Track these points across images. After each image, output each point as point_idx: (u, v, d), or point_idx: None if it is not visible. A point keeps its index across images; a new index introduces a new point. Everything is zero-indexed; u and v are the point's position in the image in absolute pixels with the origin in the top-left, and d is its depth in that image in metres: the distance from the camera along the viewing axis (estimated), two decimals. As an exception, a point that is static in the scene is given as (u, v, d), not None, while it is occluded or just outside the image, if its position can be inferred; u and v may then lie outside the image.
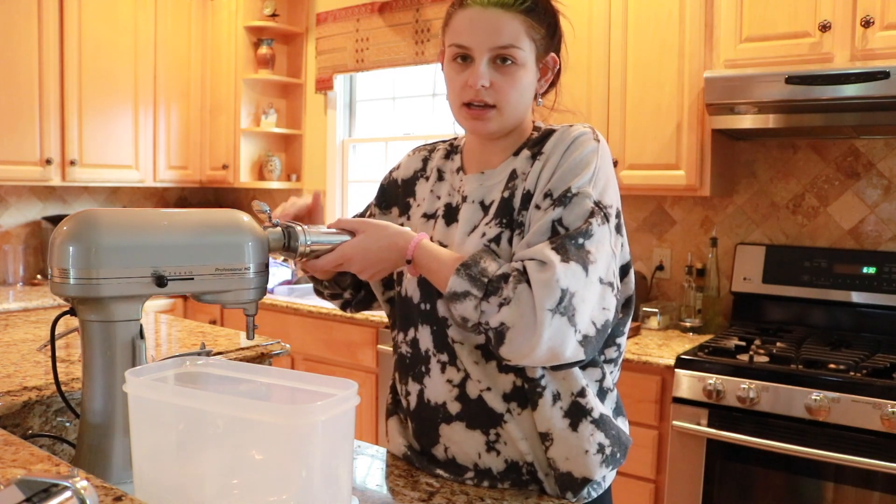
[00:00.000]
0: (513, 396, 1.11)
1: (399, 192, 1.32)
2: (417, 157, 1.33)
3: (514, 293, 0.99)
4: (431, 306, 1.17)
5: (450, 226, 1.20)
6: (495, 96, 1.11)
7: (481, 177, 1.19)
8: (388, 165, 3.92)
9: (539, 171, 1.11)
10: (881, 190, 2.48)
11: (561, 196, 1.07)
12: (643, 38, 2.56)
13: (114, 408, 1.06)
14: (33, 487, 0.67)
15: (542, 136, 1.17)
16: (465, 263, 1.05)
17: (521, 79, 1.12)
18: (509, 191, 1.15)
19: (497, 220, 1.13)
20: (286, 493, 0.86)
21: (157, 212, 1.16)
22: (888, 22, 2.11)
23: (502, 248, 1.11)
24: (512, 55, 1.10)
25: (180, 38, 4.00)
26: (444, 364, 1.16)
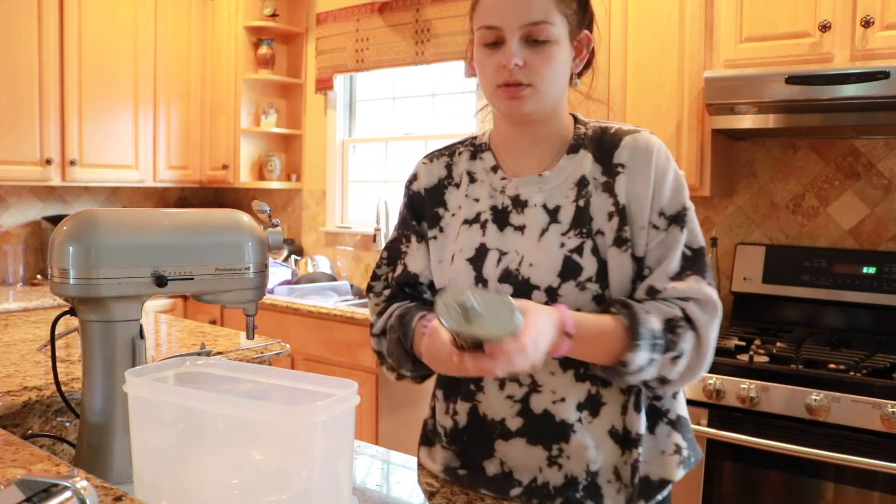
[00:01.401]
0: (586, 405, 1.08)
1: (424, 204, 1.22)
2: (439, 164, 1.23)
3: (687, 344, 1.02)
4: None
5: (504, 230, 1.12)
6: (530, 75, 1.06)
7: (539, 180, 1.12)
8: (388, 165, 3.92)
9: (633, 188, 1.07)
10: (881, 190, 2.48)
11: (677, 216, 1.07)
12: (643, 38, 2.55)
13: (114, 408, 1.06)
14: (33, 487, 0.67)
15: (598, 136, 1.13)
16: (636, 332, 0.99)
17: (556, 56, 1.07)
18: (583, 199, 1.09)
19: (576, 231, 1.08)
20: (286, 493, 0.86)
21: (157, 212, 1.16)
22: (888, 22, 2.11)
23: (585, 258, 1.06)
24: (544, 31, 1.05)
25: (180, 38, 4.00)
26: (501, 381, 1.10)
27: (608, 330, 0.99)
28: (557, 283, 1.06)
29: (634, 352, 0.98)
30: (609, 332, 0.99)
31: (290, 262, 3.90)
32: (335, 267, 3.97)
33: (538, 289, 1.07)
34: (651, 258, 1.07)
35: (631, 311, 1.00)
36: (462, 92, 3.57)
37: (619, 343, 0.99)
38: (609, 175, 1.09)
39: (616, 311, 1.01)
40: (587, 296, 1.05)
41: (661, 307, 1.03)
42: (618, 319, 1.00)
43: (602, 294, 1.05)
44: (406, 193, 1.25)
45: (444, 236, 1.19)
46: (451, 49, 3.43)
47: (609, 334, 0.99)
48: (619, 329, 0.99)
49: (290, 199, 4.27)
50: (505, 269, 1.10)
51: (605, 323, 1.00)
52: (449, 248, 1.17)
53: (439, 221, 1.20)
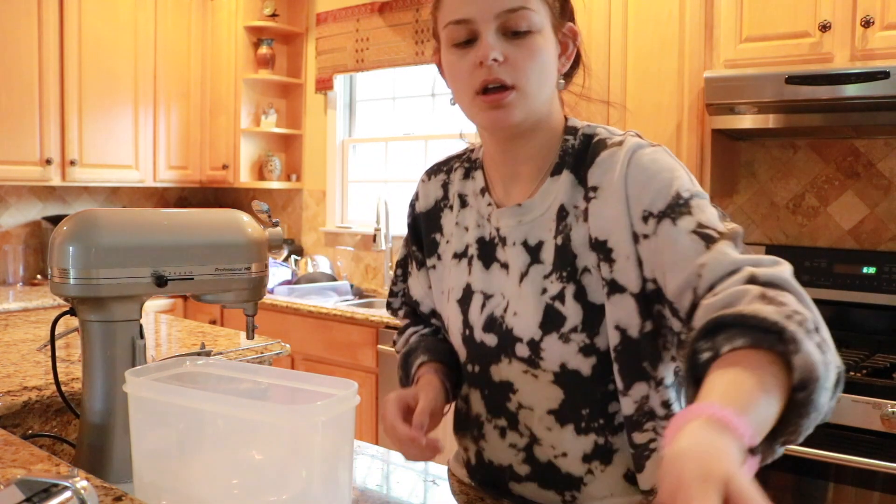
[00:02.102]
0: (594, 456, 0.95)
1: (422, 228, 1.11)
2: (436, 183, 1.10)
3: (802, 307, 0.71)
4: (481, 370, 1.01)
5: (490, 268, 1.00)
6: (513, 73, 0.89)
7: (518, 211, 0.97)
8: (388, 165, 3.92)
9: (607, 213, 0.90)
10: (881, 190, 2.48)
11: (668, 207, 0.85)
12: (643, 38, 2.55)
13: (114, 408, 1.06)
14: (33, 487, 0.67)
15: (581, 149, 0.96)
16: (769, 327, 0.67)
17: (542, 48, 0.91)
18: (562, 235, 0.94)
19: (558, 274, 0.93)
20: (286, 493, 0.86)
21: (157, 212, 1.16)
22: (888, 22, 2.11)
23: (567, 306, 0.91)
24: (525, 19, 0.89)
25: (180, 38, 4.00)
26: (502, 429, 1.01)
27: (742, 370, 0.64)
28: (539, 335, 0.93)
29: (798, 349, 0.65)
30: (746, 369, 0.64)
31: (290, 262, 3.90)
32: (335, 267, 3.97)
33: (521, 341, 0.95)
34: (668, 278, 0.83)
35: (738, 321, 0.69)
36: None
37: (768, 365, 0.65)
38: (587, 200, 0.93)
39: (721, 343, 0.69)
40: (572, 348, 0.91)
41: (728, 298, 0.73)
42: (735, 349, 0.67)
43: (591, 343, 0.91)
44: (409, 213, 1.14)
45: (441, 265, 1.07)
46: (451, 49, 3.43)
47: (749, 370, 0.64)
48: (747, 354, 0.66)
49: (290, 199, 4.27)
50: (489, 317, 0.99)
51: (731, 370, 0.65)
52: (446, 280, 1.07)
53: (437, 248, 1.08)
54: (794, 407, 0.65)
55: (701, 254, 0.81)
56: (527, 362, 0.95)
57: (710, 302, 0.76)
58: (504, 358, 0.97)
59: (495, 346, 0.98)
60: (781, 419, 0.65)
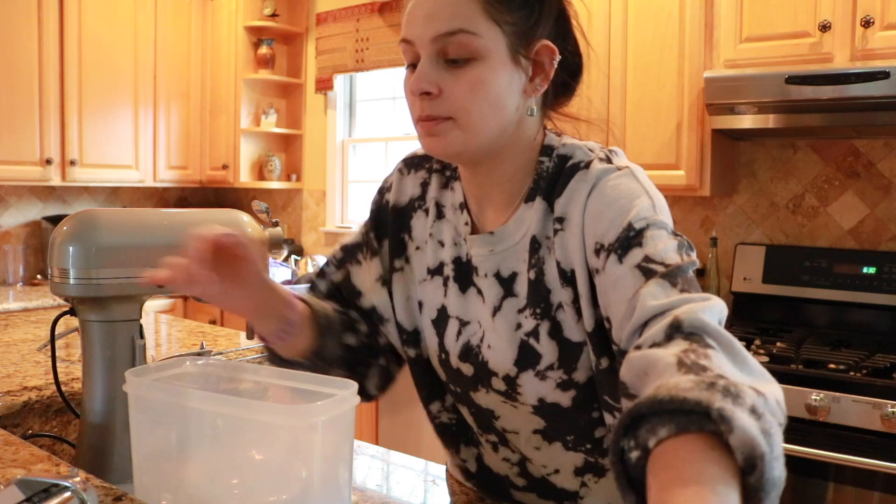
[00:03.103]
0: (586, 469, 0.93)
1: (389, 223, 1.01)
2: (414, 180, 1.01)
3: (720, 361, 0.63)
4: (463, 392, 0.97)
5: (466, 292, 0.93)
6: (447, 107, 0.81)
7: (491, 239, 0.90)
8: (388, 165, 3.92)
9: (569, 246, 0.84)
10: (881, 190, 2.48)
11: (619, 240, 0.78)
12: (643, 38, 2.55)
13: (114, 408, 1.06)
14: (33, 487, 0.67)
15: (555, 173, 0.88)
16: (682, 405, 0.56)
17: (485, 79, 0.80)
18: (535, 269, 0.87)
19: (532, 310, 0.87)
20: (286, 493, 0.86)
21: (158, 212, 1.16)
22: (888, 22, 2.11)
23: (542, 344, 0.86)
24: (463, 46, 0.79)
25: (180, 38, 4.00)
26: (494, 444, 0.98)
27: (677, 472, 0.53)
28: (514, 371, 0.88)
29: (732, 428, 0.54)
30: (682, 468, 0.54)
31: (290, 262, 3.90)
32: (335, 267, 3.96)
33: (496, 375, 0.90)
34: (612, 316, 0.77)
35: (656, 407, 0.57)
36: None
37: (707, 453, 0.54)
38: (554, 232, 0.86)
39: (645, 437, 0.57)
40: (549, 385, 0.87)
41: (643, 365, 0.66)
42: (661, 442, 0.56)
43: (569, 379, 0.86)
44: (377, 199, 1.04)
45: (410, 269, 0.99)
46: (451, 49, 3.43)
47: (686, 468, 0.53)
48: (677, 446, 0.55)
49: (290, 199, 4.27)
50: (465, 346, 0.93)
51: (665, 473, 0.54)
52: (417, 290, 0.99)
53: (405, 251, 0.99)
54: (751, 493, 0.55)
55: (636, 291, 0.74)
56: (504, 395, 0.92)
57: (630, 358, 0.68)
58: (481, 388, 0.94)
59: (472, 375, 0.93)
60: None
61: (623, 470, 0.59)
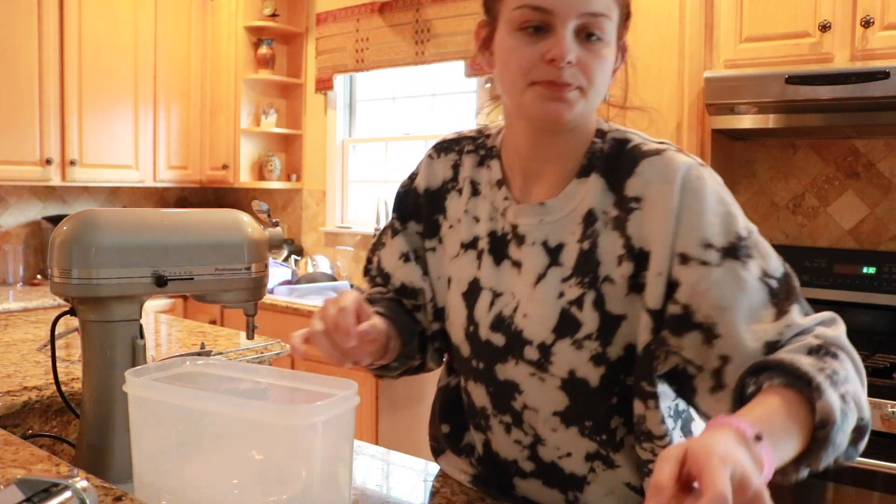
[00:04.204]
0: (596, 456, 0.95)
1: (421, 205, 1.06)
2: (445, 163, 1.06)
3: (849, 368, 0.80)
4: (486, 366, 0.98)
5: (501, 265, 0.97)
6: (580, 78, 0.87)
7: (541, 210, 0.94)
8: (388, 165, 3.92)
9: (650, 226, 0.87)
10: (881, 190, 2.48)
11: (736, 245, 0.85)
12: (643, 38, 2.55)
13: (114, 408, 1.06)
14: (33, 487, 0.67)
15: (613, 154, 0.93)
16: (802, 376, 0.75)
17: (608, 59, 0.89)
18: (589, 240, 0.91)
19: (578, 279, 0.90)
20: (286, 493, 0.86)
21: (157, 212, 1.16)
22: (888, 22, 2.11)
23: (585, 312, 0.89)
24: (601, 27, 0.86)
25: (180, 38, 4.00)
26: (507, 425, 0.99)
27: (775, 402, 0.74)
28: (552, 339, 0.91)
29: (821, 396, 0.74)
30: (778, 402, 0.74)
31: (290, 262, 3.90)
32: (335, 267, 3.97)
33: (530, 344, 0.93)
34: (706, 304, 0.83)
35: (778, 366, 0.77)
36: (462, 92, 3.57)
37: (797, 404, 0.74)
38: (621, 209, 0.90)
39: (763, 380, 0.77)
40: (584, 355, 0.90)
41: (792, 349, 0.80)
42: (773, 385, 0.76)
43: (602, 353, 0.89)
44: (405, 184, 1.10)
45: (442, 249, 1.04)
46: (451, 49, 3.43)
47: (780, 403, 0.74)
48: (781, 391, 0.75)
49: (290, 199, 4.27)
50: (497, 316, 0.96)
51: (766, 400, 0.75)
52: (447, 267, 1.03)
53: (438, 231, 1.04)
54: (815, 442, 0.74)
55: (771, 314, 0.83)
56: (535, 365, 0.93)
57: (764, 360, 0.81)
58: (511, 359, 0.95)
59: (502, 346, 0.95)
60: (806, 450, 0.74)
61: (738, 399, 0.81)
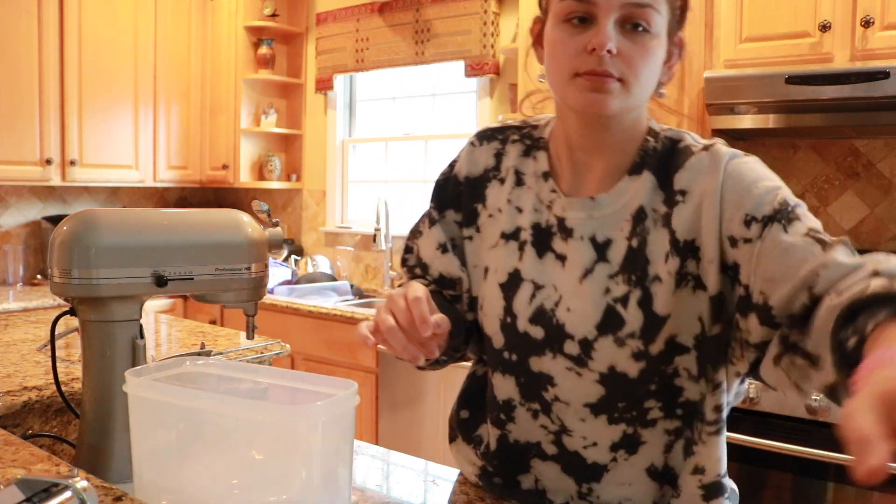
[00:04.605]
0: (622, 444, 0.94)
1: (462, 192, 1.04)
2: (488, 151, 1.04)
3: None
4: (520, 359, 0.96)
5: (544, 257, 0.96)
6: (622, 68, 0.86)
7: (590, 204, 0.94)
8: (388, 165, 3.92)
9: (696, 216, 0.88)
10: (881, 190, 2.48)
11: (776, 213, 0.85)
12: (643, 38, 2.55)
13: (114, 408, 1.06)
14: (33, 487, 0.67)
15: (665, 153, 0.94)
16: None
17: (654, 51, 0.88)
18: (638, 238, 0.91)
19: (625, 276, 0.90)
20: (286, 493, 0.86)
21: (157, 212, 1.16)
22: (888, 22, 2.11)
23: (630, 311, 0.89)
24: (647, 19, 0.86)
25: (180, 38, 4.00)
26: (535, 412, 0.97)
27: None
28: (594, 335, 0.90)
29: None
30: None
31: (290, 262, 3.90)
32: (335, 267, 3.97)
33: (572, 339, 0.92)
34: (759, 281, 0.82)
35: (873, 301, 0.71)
36: (462, 92, 3.57)
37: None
38: (669, 204, 0.90)
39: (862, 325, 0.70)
40: (626, 352, 0.89)
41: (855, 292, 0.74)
42: (881, 322, 0.68)
43: (644, 350, 0.89)
44: (444, 173, 1.08)
45: (480, 238, 1.02)
46: (451, 49, 3.43)
47: None
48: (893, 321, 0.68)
49: (290, 199, 4.27)
50: (538, 308, 0.94)
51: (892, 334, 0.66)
52: (484, 256, 1.02)
53: (476, 220, 1.03)
54: None
55: (818, 255, 0.81)
56: (574, 360, 0.92)
57: (836, 302, 0.75)
58: (549, 352, 0.94)
59: (541, 338, 0.94)
60: None
61: (840, 361, 0.71)
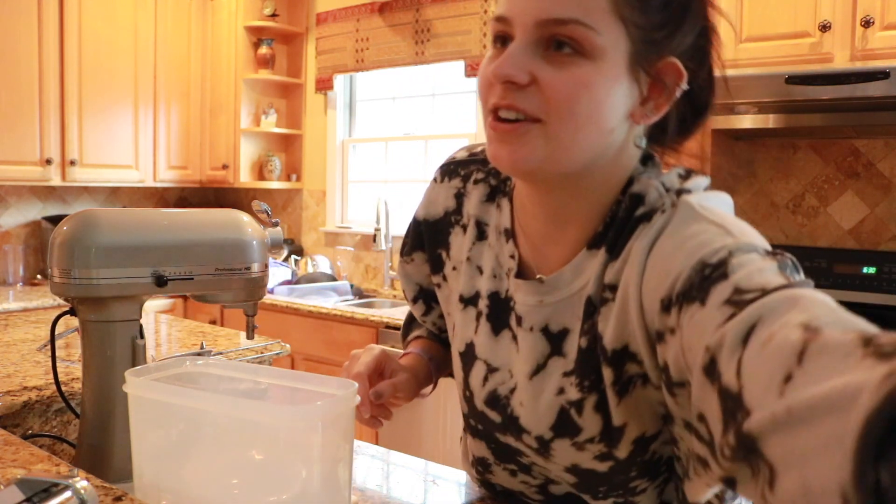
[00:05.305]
0: (614, 498, 0.83)
1: (424, 238, 0.91)
2: (448, 190, 0.88)
3: None
4: (485, 429, 0.86)
5: (499, 335, 0.81)
6: (538, 101, 0.65)
7: (540, 288, 0.76)
8: (388, 165, 3.92)
9: (619, 320, 0.69)
10: (881, 190, 2.48)
11: (696, 280, 0.59)
12: (643, 38, 2.56)
13: (114, 408, 1.06)
14: (33, 487, 0.67)
15: (623, 219, 0.71)
16: None
17: (592, 82, 0.64)
18: (587, 336, 0.73)
19: (578, 380, 0.74)
20: (286, 493, 0.86)
21: (157, 212, 1.16)
22: (888, 22, 2.11)
23: (585, 417, 0.73)
24: (575, 37, 0.64)
25: (180, 38, 4.00)
26: (513, 471, 0.88)
27: None
28: (550, 436, 0.77)
29: None
30: None
31: (290, 262, 3.90)
32: (335, 267, 3.97)
33: (528, 433, 0.79)
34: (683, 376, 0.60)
35: None
36: (462, 92, 3.57)
37: None
38: (600, 302, 0.72)
39: None
40: (587, 455, 0.76)
41: None
42: None
43: (608, 452, 0.75)
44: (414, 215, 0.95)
45: (447, 287, 0.90)
46: (451, 49, 3.43)
47: None
48: None
49: (290, 199, 4.27)
50: (492, 394, 0.83)
51: None
52: (452, 309, 0.90)
53: (442, 268, 0.90)
54: None
55: (715, 331, 0.54)
56: (535, 451, 0.82)
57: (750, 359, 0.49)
58: (510, 436, 0.84)
59: (500, 422, 0.83)
60: None
61: None
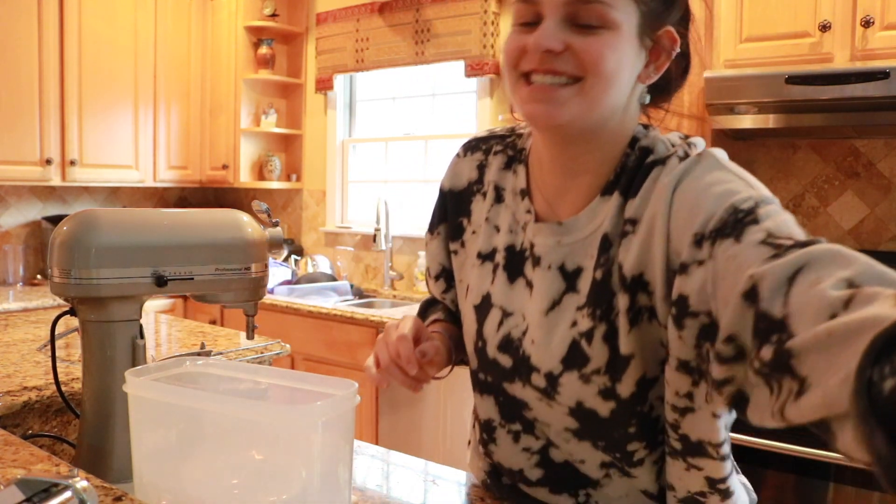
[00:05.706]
0: (612, 465, 0.89)
1: (447, 206, 1.01)
2: (471, 163, 0.98)
3: None
4: (494, 382, 0.93)
5: (514, 283, 0.90)
6: (573, 64, 0.77)
7: (558, 230, 0.86)
8: (388, 165, 3.92)
9: (640, 249, 0.78)
10: (881, 190, 2.48)
11: (729, 220, 0.70)
12: (643, 38, 2.55)
13: (113, 408, 1.06)
14: (33, 487, 0.67)
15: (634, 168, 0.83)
16: None
17: (616, 46, 0.77)
18: (602, 269, 0.82)
19: (591, 309, 0.82)
20: (286, 493, 0.86)
21: (157, 212, 1.16)
22: (888, 22, 2.11)
23: (594, 346, 0.82)
24: (596, 14, 0.76)
25: (180, 38, 4.00)
26: (516, 433, 0.94)
27: None
28: (559, 370, 0.85)
29: None
30: None
31: (290, 262, 3.90)
32: (335, 267, 3.97)
33: (538, 371, 0.87)
34: (713, 307, 0.68)
35: None
36: (462, 92, 3.57)
37: None
38: (620, 235, 0.82)
39: None
40: (591, 389, 0.83)
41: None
42: None
43: (612, 388, 0.82)
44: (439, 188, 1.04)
45: (464, 253, 0.98)
46: (451, 49, 3.43)
47: None
48: None
49: (290, 199, 4.27)
50: (505, 337, 0.91)
51: None
52: (467, 273, 0.98)
53: (462, 235, 0.98)
54: None
55: (759, 265, 0.62)
56: (542, 392, 0.88)
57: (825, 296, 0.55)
58: (518, 381, 0.90)
59: (510, 367, 0.90)
60: None
61: (868, 406, 0.47)
